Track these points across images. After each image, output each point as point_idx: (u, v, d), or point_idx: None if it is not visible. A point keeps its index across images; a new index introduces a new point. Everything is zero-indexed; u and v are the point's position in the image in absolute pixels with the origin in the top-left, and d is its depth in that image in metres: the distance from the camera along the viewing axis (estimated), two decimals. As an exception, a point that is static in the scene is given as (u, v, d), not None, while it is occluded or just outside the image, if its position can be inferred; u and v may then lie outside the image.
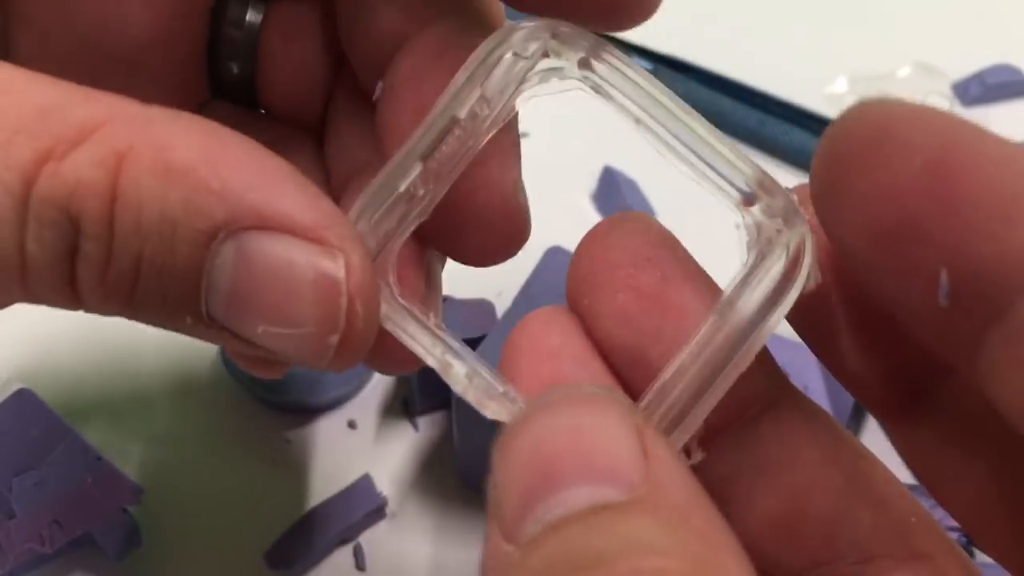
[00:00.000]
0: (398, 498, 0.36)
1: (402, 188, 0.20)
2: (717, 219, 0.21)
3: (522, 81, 0.20)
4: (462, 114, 0.20)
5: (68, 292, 0.17)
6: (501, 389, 0.19)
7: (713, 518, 0.15)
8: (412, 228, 0.20)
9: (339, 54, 0.25)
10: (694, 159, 0.19)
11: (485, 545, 0.15)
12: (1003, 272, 0.15)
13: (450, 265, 0.25)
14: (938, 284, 0.15)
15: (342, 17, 0.24)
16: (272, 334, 0.17)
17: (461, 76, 0.20)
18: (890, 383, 0.19)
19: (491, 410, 0.19)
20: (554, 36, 0.20)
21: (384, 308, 0.20)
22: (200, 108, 0.27)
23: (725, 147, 0.19)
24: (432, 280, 0.23)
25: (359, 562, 0.34)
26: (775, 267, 0.18)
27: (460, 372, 0.19)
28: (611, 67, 0.20)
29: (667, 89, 0.19)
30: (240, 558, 0.34)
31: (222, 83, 0.26)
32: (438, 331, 0.20)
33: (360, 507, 0.35)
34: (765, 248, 0.19)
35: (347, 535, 0.35)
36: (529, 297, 0.35)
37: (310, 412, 0.38)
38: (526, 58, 0.20)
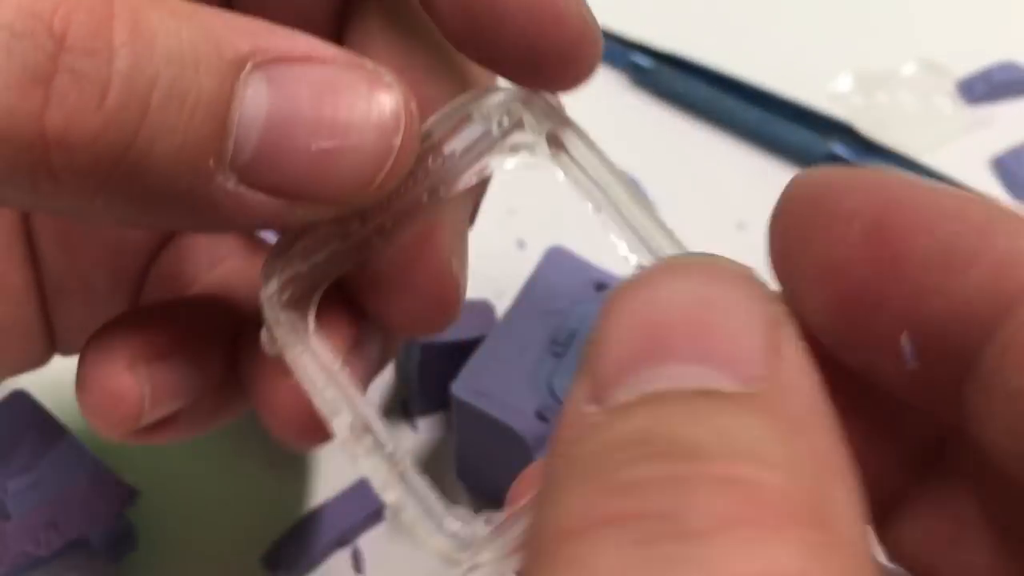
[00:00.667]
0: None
1: (334, 230, 0.19)
2: (718, 219, 0.21)
3: (487, 149, 0.19)
4: (416, 168, 0.19)
5: (31, 133, 0.14)
6: (389, 448, 0.18)
7: (836, 442, 0.13)
8: (344, 269, 0.20)
9: None
10: (641, 250, 0.19)
11: (565, 405, 0.14)
12: (959, 323, 0.14)
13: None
14: (902, 349, 0.15)
15: None
16: (325, 152, 0.15)
17: (422, 129, 0.19)
18: (870, 487, 0.18)
19: (366, 466, 0.18)
20: (527, 108, 0.19)
21: (289, 338, 0.19)
22: None
23: (668, 241, 0.19)
24: (363, 350, 0.22)
25: (357, 565, 0.34)
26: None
27: (344, 422, 0.18)
28: (579, 150, 0.19)
29: (623, 175, 0.19)
30: (237, 561, 0.34)
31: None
32: (338, 374, 0.19)
33: (358, 510, 0.35)
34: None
35: (345, 538, 0.35)
36: (529, 297, 0.35)
37: (308, 413, 0.38)
38: (495, 125, 0.19)
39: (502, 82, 0.20)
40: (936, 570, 0.17)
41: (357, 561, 0.34)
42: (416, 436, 0.37)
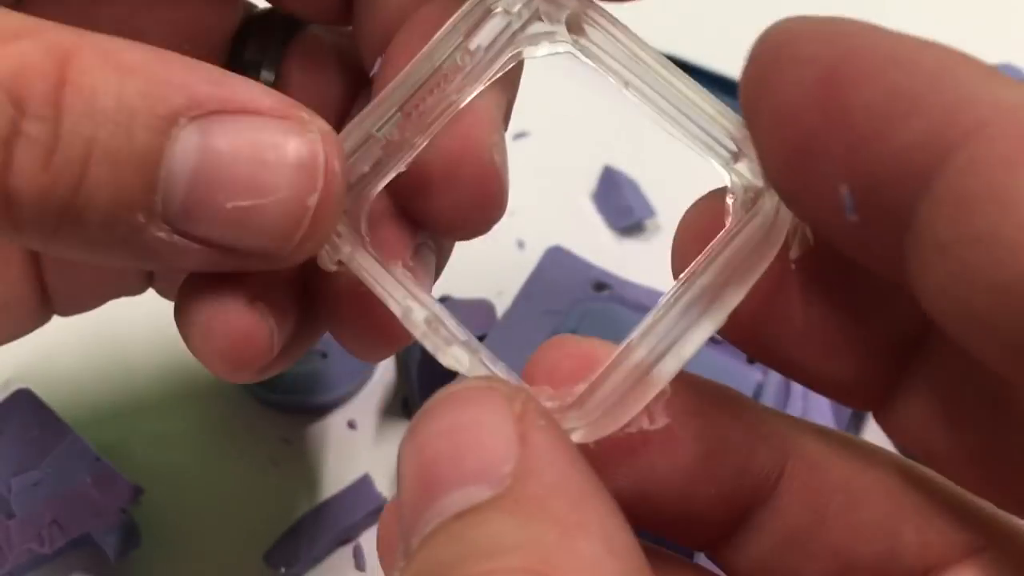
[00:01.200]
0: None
1: (378, 132, 0.19)
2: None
3: (510, 42, 0.20)
4: (444, 64, 0.19)
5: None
6: (463, 337, 0.19)
7: (580, 498, 0.14)
8: (389, 177, 0.20)
9: (361, 91, 0.25)
10: (681, 119, 0.19)
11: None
12: (898, 175, 0.14)
13: (450, 265, 0.25)
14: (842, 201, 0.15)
15: (354, 7, 0.24)
16: (242, 210, 0.16)
17: (445, 27, 0.19)
18: (865, 370, 0.18)
19: (449, 356, 0.19)
20: None
21: (349, 250, 0.19)
22: None
23: (709, 104, 0.19)
24: (421, 261, 0.22)
25: (359, 562, 0.34)
26: (755, 229, 0.18)
27: (419, 317, 0.19)
28: (601, 31, 0.19)
29: (654, 51, 0.19)
30: (240, 558, 0.34)
31: None
32: (403, 277, 0.19)
33: (360, 507, 0.35)
34: (750, 208, 0.18)
35: (347, 535, 0.35)
36: (529, 297, 0.35)
37: (310, 412, 0.38)
38: (514, 16, 0.19)
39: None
40: (937, 451, 0.17)
41: (358, 558, 0.34)
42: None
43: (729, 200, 0.18)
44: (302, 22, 0.26)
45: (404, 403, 0.39)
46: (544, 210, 0.43)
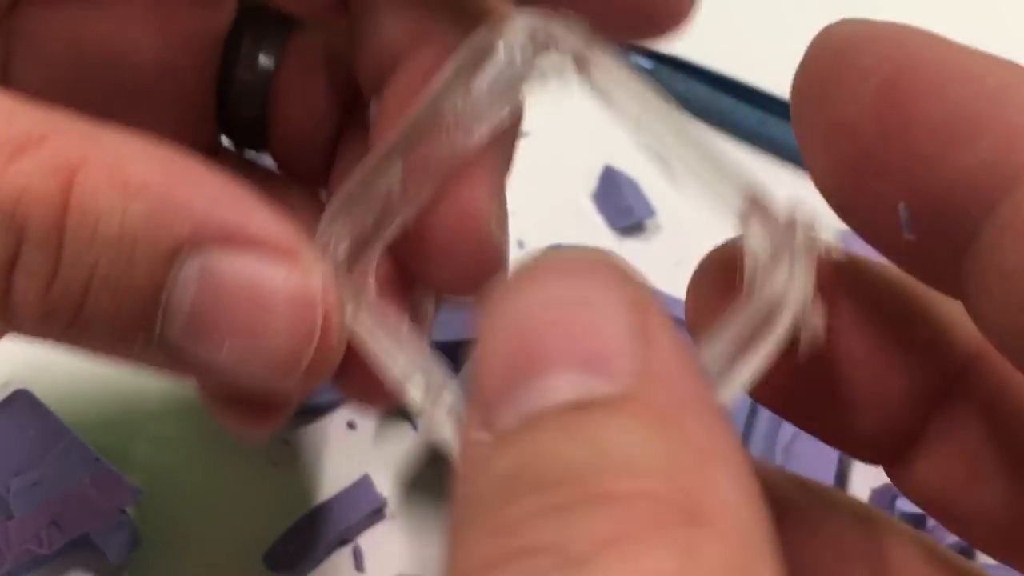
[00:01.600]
0: (398, 499, 0.36)
1: (381, 187, 0.19)
2: (718, 220, 0.21)
3: (517, 80, 0.18)
4: (446, 109, 0.18)
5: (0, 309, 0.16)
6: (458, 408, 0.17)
7: (715, 423, 0.13)
8: (392, 231, 0.19)
9: (357, 96, 0.24)
10: (694, 169, 0.18)
11: (460, 432, 0.14)
12: (960, 196, 0.14)
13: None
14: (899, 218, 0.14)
15: (352, 35, 0.23)
16: (238, 349, 0.16)
17: (445, 71, 0.18)
18: (885, 425, 0.17)
19: (446, 429, 0.17)
20: (549, 30, 0.18)
21: (351, 309, 0.18)
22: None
23: (722, 157, 0.18)
24: (420, 313, 0.22)
25: (358, 563, 0.34)
26: (750, 318, 0.16)
27: (419, 384, 0.17)
28: (609, 68, 0.18)
29: (663, 92, 0.18)
30: (239, 559, 0.34)
31: (232, 124, 0.26)
32: (405, 337, 0.18)
33: (359, 508, 0.35)
34: (752, 287, 0.16)
35: (346, 536, 0.35)
36: (529, 297, 0.35)
37: (309, 413, 0.38)
38: (519, 53, 0.18)
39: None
40: (952, 508, 0.17)
41: (358, 559, 0.34)
42: (416, 436, 0.38)
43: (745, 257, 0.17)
44: (295, 18, 0.26)
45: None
46: (544, 210, 0.43)
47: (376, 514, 0.35)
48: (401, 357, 0.18)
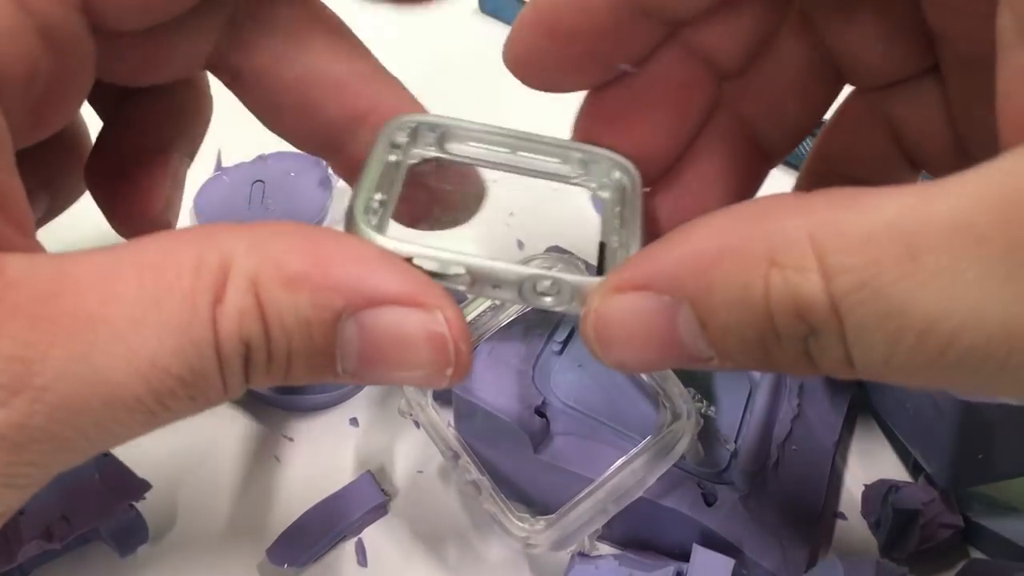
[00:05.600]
0: (400, 495, 0.37)
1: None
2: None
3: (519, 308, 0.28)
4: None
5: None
6: (480, 476, 0.28)
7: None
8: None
9: None
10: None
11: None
12: None
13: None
14: None
15: None
16: (400, 376, 0.21)
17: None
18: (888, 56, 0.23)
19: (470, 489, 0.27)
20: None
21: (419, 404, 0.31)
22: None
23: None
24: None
25: (361, 558, 0.35)
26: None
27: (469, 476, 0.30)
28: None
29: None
30: (243, 553, 0.35)
31: None
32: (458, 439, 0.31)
33: (362, 504, 0.35)
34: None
35: (349, 531, 0.35)
36: (529, 297, 0.35)
37: (313, 410, 0.39)
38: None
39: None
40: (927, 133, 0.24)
41: (360, 555, 0.35)
42: (418, 432, 0.38)
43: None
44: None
45: (406, 400, 0.39)
46: (544, 210, 0.44)
47: (378, 510, 0.36)
48: (448, 446, 0.28)
